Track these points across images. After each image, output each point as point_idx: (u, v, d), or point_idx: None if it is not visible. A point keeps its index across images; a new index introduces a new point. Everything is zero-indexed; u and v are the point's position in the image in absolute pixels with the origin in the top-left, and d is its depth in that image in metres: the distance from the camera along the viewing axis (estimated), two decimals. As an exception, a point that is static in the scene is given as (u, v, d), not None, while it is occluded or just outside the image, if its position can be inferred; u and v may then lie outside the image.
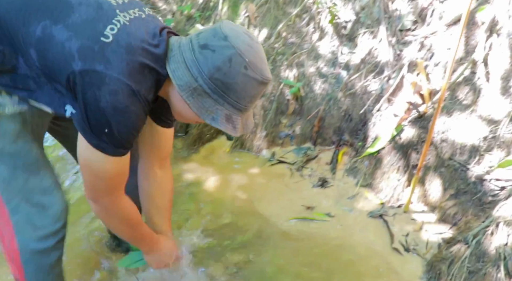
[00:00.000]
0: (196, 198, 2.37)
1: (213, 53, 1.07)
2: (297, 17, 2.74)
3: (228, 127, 1.13)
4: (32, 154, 1.33)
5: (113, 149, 1.13)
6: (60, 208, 1.40)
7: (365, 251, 2.03)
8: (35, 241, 1.38)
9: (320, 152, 2.59)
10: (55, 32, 1.07)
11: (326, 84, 2.60)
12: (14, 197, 1.32)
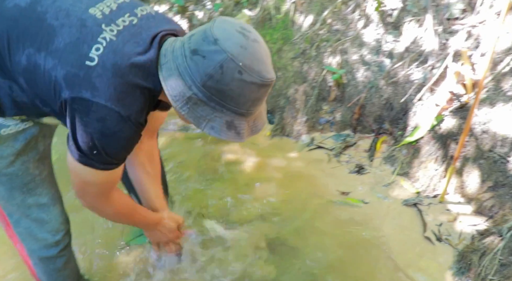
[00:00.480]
0: (234, 178, 2.46)
1: (203, 60, 0.98)
2: (343, 4, 2.75)
3: (229, 135, 1.05)
4: (29, 173, 1.34)
5: (103, 166, 1.11)
6: (58, 222, 1.46)
7: (396, 238, 2.05)
8: (39, 250, 1.49)
9: (359, 139, 2.61)
10: (39, 61, 1.04)
11: (368, 72, 2.60)
12: (14, 213, 1.40)
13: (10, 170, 1.29)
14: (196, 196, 2.34)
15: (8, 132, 1.24)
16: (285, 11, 2.89)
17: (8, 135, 1.24)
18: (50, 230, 1.45)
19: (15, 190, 1.33)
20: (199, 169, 2.54)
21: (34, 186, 1.36)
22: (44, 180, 1.39)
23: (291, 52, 2.80)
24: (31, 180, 1.34)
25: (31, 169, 1.33)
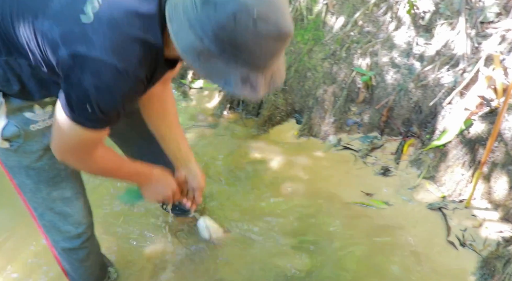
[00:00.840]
0: (260, 175, 2.51)
1: (215, 10, 0.89)
2: (375, 6, 2.75)
3: (245, 90, 0.98)
4: (55, 168, 1.38)
5: (92, 124, 1.08)
6: (81, 215, 1.51)
7: (419, 241, 2.05)
8: (62, 241, 1.55)
9: (386, 142, 2.61)
10: (37, 26, 1.03)
11: (398, 75, 2.59)
12: (39, 206, 1.45)
13: (38, 164, 1.33)
14: (221, 193, 2.40)
15: (37, 127, 1.28)
16: (317, 12, 2.92)
17: (37, 131, 1.29)
18: (73, 223, 1.50)
19: (41, 184, 1.38)
20: (225, 165, 2.59)
21: (59, 180, 1.40)
22: (69, 174, 1.43)
23: (321, 53, 2.82)
24: (56, 174, 1.38)
25: (57, 163, 1.35)
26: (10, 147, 1.27)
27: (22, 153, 1.30)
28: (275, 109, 2.89)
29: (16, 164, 1.33)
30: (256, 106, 2.99)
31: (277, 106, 2.89)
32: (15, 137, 1.26)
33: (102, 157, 1.25)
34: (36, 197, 1.41)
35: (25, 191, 1.41)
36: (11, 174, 1.37)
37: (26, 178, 1.36)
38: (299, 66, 2.86)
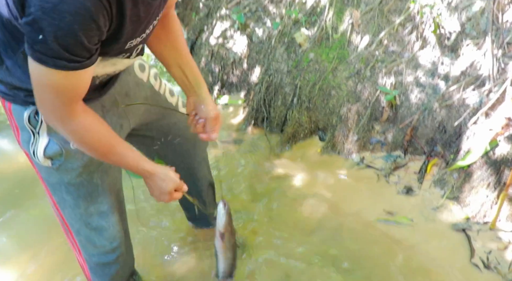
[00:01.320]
0: (283, 191, 2.54)
1: None
2: (400, 25, 2.77)
3: None
4: (93, 183, 1.40)
5: (52, 61, 0.96)
6: (116, 229, 1.53)
7: (442, 262, 2.03)
8: (96, 256, 1.57)
9: (409, 161, 2.60)
10: None
11: (422, 94, 2.60)
12: (76, 222, 1.47)
13: (78, 180, 1.36)
14: (244, 208, 2.43)
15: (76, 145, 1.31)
16: (342, 31, 2.95)
17: (77, 149, 1.30)
18: (108, 238, 1.52)
19: (80, 199, 1.40)
20: (249, 181, 2.63)
21: (97, 194, 1.43)
22: (106, 189, 1.45)
23: (346, 71, 2.85)
24: (94, 189, 1.41)
25: (95, 178, 1.39)
26: (51, 165, 1.31)
27: (63, 170, 1.33)
28: (299, 126, 2.92)
29: (57, 181, 1.36)
30: (280, 122, 3.04)
31: (301, 123, 2.92)
32: (57, 155, 1.29)
33: (87, 123, 1.16)
34: (74, 213, 1.44)
35: (63, 207, 1.43)
36: (51, 191, 1.40)
37: (66, 194, 1.39)
38: (324, 84, 2.90)
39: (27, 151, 1.31)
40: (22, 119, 1.24)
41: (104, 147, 1.22)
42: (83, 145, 1.20)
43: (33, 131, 1.25)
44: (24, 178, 2.79)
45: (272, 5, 3.53)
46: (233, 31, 3.61)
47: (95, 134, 1.19)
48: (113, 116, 1.41)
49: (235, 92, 3.50)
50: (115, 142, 1.25)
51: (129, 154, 1.30)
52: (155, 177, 1.35)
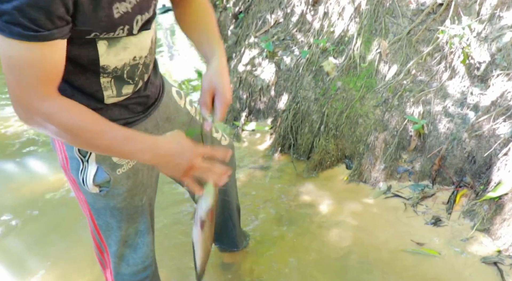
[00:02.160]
0: (309, 218, 2.53)
1: None
2: (428, 55, 2.78)
3: None
4: (134, 205, 1.42)
5: (8, 28, 0.89)
6: (149, 248, 1.54)
7: (472, 297, 1.98)
8: (128, 275, 1.56)
9: (437, 191, 2.57)
10: None
11: (451, 124, 2.58)
12: (115, 244, 1.47)
13: (123, 204, 1.39)
14: (270, 236, 2.43)
15: (122, 171, 1.34)
16: (370, 60, 2.98)
17: (122, 175, 1.34)
18: (142, 256, 1.54)
19: (123, 222, 1.43)
20: (275, 208, 2.64)
21: (137, 215, 1.46)
22: (145, 209, 1.49)
23: (373, 100, 2.86)
24: (135, 210, 1.44)
25: (136, 200, 1.43)
26: (99, 192, 1.34)
27: (110, 196, 1.35)
28: (325, 153, 2.93)
29: (103, 206, 1.38)
30: (307, 150, 3.05)
31: (327, 151, 2.93)
32: (105, 183, 1.32)
33: (64, 103, 1.03)
34: (115, 235, 1.45)
35: (106, 230, 1.45)
36: (95, 215, 1.42)
37: (110, 218, 1.41)
38: (351, 112, 2.91)
39: (76, 178, 1.33)
40: (72, 148, 1.28)
41: (89, 130, 1.04)
42: (62, 129, 1.02)
43: (82, 160, 1.29)
44: (53, 199, 2.88)
45: (300, 33, 3.60)
46: (261, 59, 3.68)
47: (76, 114, 1.03)
48: None
49: (262, 119, 3.54)
50: (103, 124, 1.07)
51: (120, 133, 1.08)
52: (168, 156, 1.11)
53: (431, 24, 2.81)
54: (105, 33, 1.07)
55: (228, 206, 1.96)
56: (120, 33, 1.11)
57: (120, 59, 1.17)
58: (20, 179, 3.21)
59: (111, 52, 1.13)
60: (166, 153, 1.10)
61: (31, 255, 2.46)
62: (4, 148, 3.68)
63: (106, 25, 1.05)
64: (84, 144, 1.09)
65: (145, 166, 1.43)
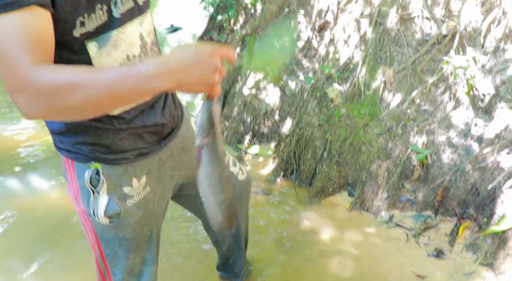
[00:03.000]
0: (309, 246, 2.51)
1: None
2: (433, 85, 2.79)
3: None
4: (143, 235, 1.41)
5: None
6: (152, 278, 1.52)
7: None
8: None
9: (440, 222, 2.55)
10: None
11: (455, 155, 2.57)
12: (120, 273, 1.45)
13: (132, 235, 1.38)
14: (269, 262, 2.41)
15: (132, 202, 1.33)
16: (374, 88, 2.99)
17: (133, 206, 1.33)
18: None
19: (131, 251, 1.41)
20: (276, 233, 2.62)
21: (144, 245, 1.44)
22: (153, 239, 1.47)
23: (377, 128, 2.86)
24: (144, 240, 1.43)
25: (145, 230, 1.41)
26: (109, 224, 1.32)
27: (119, 227, 1.34)
28: (328, 180, 2.92)
29: (112, 236, 1.37)
30: (309, 176, 3.04)
31: (330, 178, 2.92)
32: (116, 215, 1.31)
33: (52, 66, 0.95)
34: (121, 264, 1.43)
35: (112, 259, 1.42)
36: (102, 245, 1.40)
37: (118, 247, 1.40)
38: (354, 140, 2.91)
39: (86, 209, 1.32)
40: (83, 178, 1.27)
41: (88, 77, 0.93)
42: (61, 89, 0.91)
43: (93, 190, 1.27)
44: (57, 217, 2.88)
45: (306, 59, 3.63)
46: (266, 83, 3.70)
47: (69, 69, 0.94)
48: (168, 168, 1.43)
49: (265, 143, 3.54)
50: (97, 68, 1.04)
51: (116, 70, 0.97)
52: (178, 57, 0.95)
53: (436, 54, 2.83)
54: (86, 15, 1.03)
55: (238, 238, 1.96)
56: (100, 15, 1.06)
57: (113, 59, 1.13)
58: (21, 195, 3.22)
59: (102, 53, 1.11)
60: (185, 64, 0.93)
61: (29, 273, 2.45)
62: (7, 163, 3.69)
63: (83, 1, 1.02)
64: (90, 95, 0.91)
65: (156, 195, 1.42)
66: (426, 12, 2.92)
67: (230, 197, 1.06)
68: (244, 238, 2.06)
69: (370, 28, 3.13)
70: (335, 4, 3.49)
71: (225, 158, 1.25)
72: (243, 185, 1.80)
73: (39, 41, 0.93)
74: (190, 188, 1.59)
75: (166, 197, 1.50)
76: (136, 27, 1.19)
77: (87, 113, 0.99)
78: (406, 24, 3.02)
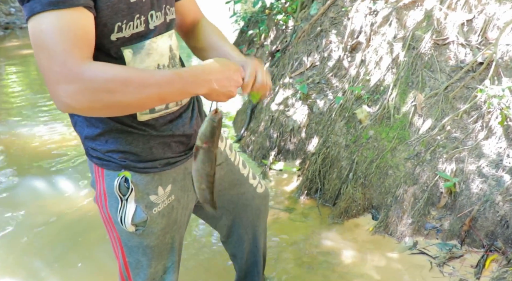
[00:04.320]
0: (330, 267, 2.49)
1: None
2: (465, 113, 2.76)
3: None
4: (166, 243, 1.44)
5: (39, 3, 0.96)
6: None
7: None
8: None
9: (466, 252, 2.50)
10: None
11: (485, 185, 2.53)
12: (142, 280, 1.46)
13: (155, 243, 1.40)
14: (289, 279, 2.39)
15: (158, 210, 1.36)
16: (404, 112, 2.98)
17: (158, 214, 1.36)
18: None
19: (153, 259, 1.44)
20: (297, 252, 2.60)
21: (167, 252, 1.47)
22: (175, 247, 1.49)
23: (405, 152, 2.84)
24: (166, 248, 1.45)
25: (168, 238, 1.44)
26: (135, 232, 1.35)
27: (144, 235, 1.37)
28: (352, 201, 2.90)
29: (136, 244, 1.40)
30: (334, 196, 3.03)
31: (354, 199, 2.90)
32: (142, 223, 1.35)
33: (100, 63, 1.04)
34: (144, 272, 1.45)
35: (135, 267, 1.45)
36: (127, 253, 1.43)
37: (142, 256, 1.42)
38: (381, 162, 2.89)
39: (112, 216, 1.35)
40: (113, 186, 1.31)
41: (136, 76, 1.04)
42: (110, 84, 1.00)
43: (121, 198, 1.31)
44: (80, 222, 2.92)
45: (336, 78, 3.64)
46: (295, 100, 3.71)
47: (117, 67, 1.04)
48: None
49: (290, 160, 3.54)
50: (146, 70, 1.15)
51: (164, 70, 1.18)
52: (217, 69, 1.13)
53: (470, 82, 2.81)
54: (126, 21, 1.12)
55: (256, 253, 1.95)
56: (138, 24, 1.16)
57: (145, 66, 1.21)
58: (47, 197, 3.28)
59: (136, 60, 1.19)
60: (222, 76, 1.12)
61: (51, 274, 2.48)
62: (34, 165, 3.77)
63: (123, 9, 1.10)
64: (139, 92, 1.03)
65: (180, 204, 1.45)
66: (461, 38, 2.90)
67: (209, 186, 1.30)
68: (263, 254, 2.05)
69: (403, 51, 3.13)
70: (368, 26, 3.50)
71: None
72: (261, 198, 1.83)
73: (86, 39, 1.02)
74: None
75: (190, 206, 1.54)
76: (166, 39, 1.28)
77: (129, 109, 1.10)
78: (440, 49, 3.00)
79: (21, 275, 2.49)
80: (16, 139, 4.35)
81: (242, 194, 1.75)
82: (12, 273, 2.50)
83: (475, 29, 2.89)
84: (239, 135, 4.11)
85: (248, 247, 1.91)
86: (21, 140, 4.31)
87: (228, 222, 1.80)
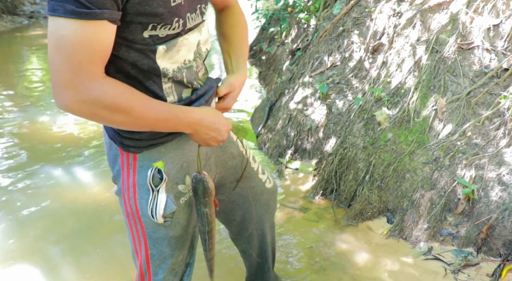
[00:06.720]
0: (343, 269, 2.47)
1: None
2: (487, 119, 2.71)
3: None
4: (188, 232, 1.44)
5: (62, 7, 0.94)
6: (188, 278, 1.54)
7: None
8: None
9: (482, 261, 2.46)
10: None
11: (504, 193, 2.49)
12: (163, 272, 1.44)
13: (180, 233, 1.39)
14: (301, 278, 2.39)
15: (184, 200, 1.36)
16: (424, 116, 2.94)
17: (184, 203, 1.36)
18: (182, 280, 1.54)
19: (176, 250, 1.42)
20: (310, 253, 2.60)
21: (188, 242, 1.47)
22: (195, 236, 1.51)
23: (423, 156, 2.81)
24: (187, 238, 1.45)
25: (190, 228, 1.44)
26: (164, 223, 1.33)
27: (171, 226, 1.36)
28: (368, 204, 2.88)
29: (162, 236, 1.37)
30: (349, 197, 3.01)
31: (370, 202, 2.88)
32: (171, 214, 1.33)
33: (111, 80, 1.07)
34: (165, 263, 1.43)
35: (157, 259, 1.42)
36: (150, 245, 1.40)
37: (166, 247, 1.40)
38: (399, 166, 2.86)
39: (139, 208, 1.32)
40: (145, 177, 1.29)
41: (139, 105, 1.10)
42: (113, 107, 1.06)
43: (153, 189, 1.29)
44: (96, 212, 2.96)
45: (356, 79, 3.61)
46: (314, 99, 3.70)
47: (126, 90, 1.08)
48: (212, 164, 1.51)
49: (307, 159, 3.53)
50: (150, 99, 1.15)
51: (165, 106, 1.19)
52: (205, 120, 1.26)
53: (493, 88, 2.76)
54: (163, 24, 1.11)
55: (265, 249, 1.94)
56: (176, 27, 1.15)
57: (173, 61, 1.22)
58: (65, 186, 3.33)
59: (166, 55, 1.18)
60: (212, 126, 1.27)
61: (65, 264, 2.52)
62: (53, 153, 3.83)
63: (163, 12, 1.09)
64: (137, 121, 1.12)
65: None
66: (487, 43, 2.86)
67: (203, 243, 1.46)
68: (272, 250, 2.04)
69: (426, 54, 3.09)
70: (392, 27, 3.46)
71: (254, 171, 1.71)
72: (269, 193, 1.83)
73: (104, 55, 1.04)
74: (222, 191, 1.66)
75: None
76: (196, 35, 1.28)
77: (122, 127, 1.22)
78: (464, 54, 2.96)
79: (35, 261, 2.53)
80: (38, 126, 4.43)
81: (252, 188, 1.74)
82: (28, 258, 2.55)
83: (501, 35, 2.84)
84: (256, 132, 4.11)
85: (257, 243, 1.90)
86: (41, 127, 4.39)
87: (238, 218, 1.79)
